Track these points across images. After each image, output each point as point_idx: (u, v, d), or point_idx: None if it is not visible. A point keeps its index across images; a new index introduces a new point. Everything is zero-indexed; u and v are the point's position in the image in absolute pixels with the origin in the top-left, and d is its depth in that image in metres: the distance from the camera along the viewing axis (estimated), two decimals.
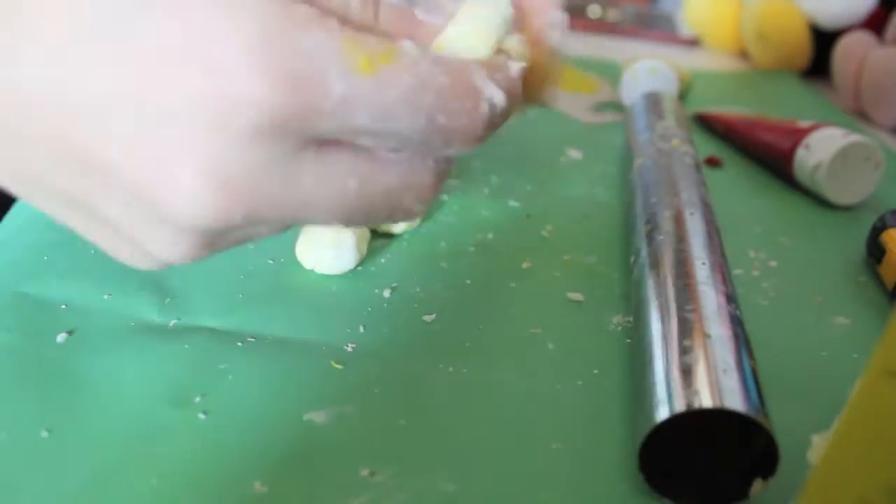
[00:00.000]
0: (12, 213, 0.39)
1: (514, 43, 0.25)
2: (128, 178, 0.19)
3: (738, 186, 0.49)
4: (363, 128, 0.19)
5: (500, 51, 0.24)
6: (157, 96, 0.18)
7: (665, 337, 0.28)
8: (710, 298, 0.29)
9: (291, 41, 0.18)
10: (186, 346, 0.30)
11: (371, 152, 0.21)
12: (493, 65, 0.22)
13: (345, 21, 0.21)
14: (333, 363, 0.30)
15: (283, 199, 0.20)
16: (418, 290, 0.35)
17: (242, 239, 0.22)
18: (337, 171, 0.20)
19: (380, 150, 0.21)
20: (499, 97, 0.21)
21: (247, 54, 0.18)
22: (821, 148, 0.45)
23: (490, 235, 0.40)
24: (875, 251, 0.39)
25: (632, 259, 0.36)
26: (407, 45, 0.20)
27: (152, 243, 0.21)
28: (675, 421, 0.25)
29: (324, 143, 0.20)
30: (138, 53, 0.18)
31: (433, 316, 0.33)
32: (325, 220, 0.21)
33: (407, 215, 0.23)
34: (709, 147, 0.55)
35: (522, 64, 0.24)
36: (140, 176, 0.19)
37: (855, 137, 0.44)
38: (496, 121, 0.22)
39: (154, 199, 0.19)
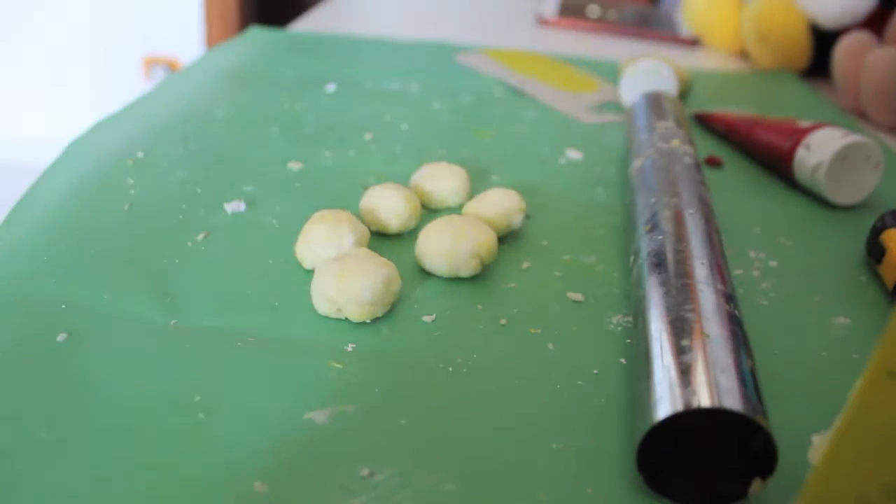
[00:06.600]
0: (12, 213, 0.39)
1: None
2: None
3: (738, 186, 0.49)
4: None
5: None
6: None
7: (664, 337, 0.28)
8: (708, 298, 0.29)
9: None
10: (186, 346, 0.30)
11: None
12: None
13: None
14: (333, 363, 0.30)
15: None
16: (418, 290, 0.35)
17: None
18: None
19: None
20: None
21: None
22: (821, 148, 0.45)
23: None
24: (875, 251, 0.39)
25: (632, 259, 0.36)
26: None
27: None
28: (673, 420, 0.25)
29: None
30: None
31: (433, 316, 0.33)
32: None
33: None
34: (709, 147, 0.55)
35: None
36: None
37: (855, 137, 0.44)
38: None
39: None
